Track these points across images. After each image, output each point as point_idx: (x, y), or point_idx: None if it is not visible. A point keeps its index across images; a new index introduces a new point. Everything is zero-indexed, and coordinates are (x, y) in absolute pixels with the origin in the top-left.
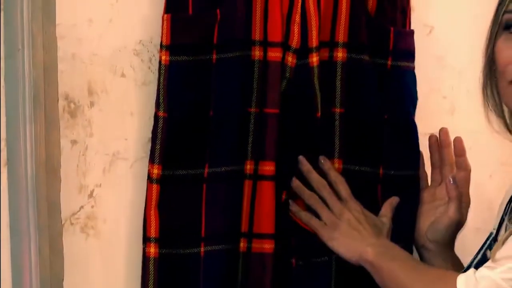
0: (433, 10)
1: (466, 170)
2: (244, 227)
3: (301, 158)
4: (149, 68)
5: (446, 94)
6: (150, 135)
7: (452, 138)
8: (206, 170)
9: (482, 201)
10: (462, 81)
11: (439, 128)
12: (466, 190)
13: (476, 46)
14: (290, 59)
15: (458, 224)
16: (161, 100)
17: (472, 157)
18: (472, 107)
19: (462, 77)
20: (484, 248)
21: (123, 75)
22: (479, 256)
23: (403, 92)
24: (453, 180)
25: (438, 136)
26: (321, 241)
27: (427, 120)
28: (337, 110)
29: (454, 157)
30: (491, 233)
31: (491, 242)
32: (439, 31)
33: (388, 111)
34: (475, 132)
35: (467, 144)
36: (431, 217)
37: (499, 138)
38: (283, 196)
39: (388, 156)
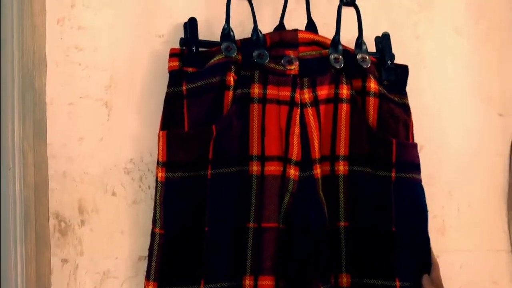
0: (423, 129)
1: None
2: None
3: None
4: (139, 186)
5: (436, 213)
6: (140, 254)
7: (443, 258)
8: (202, 286)
9: None
10: (453, 200)
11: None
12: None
13: (466, 165)
14: (293, 172)
15: None
16: (157, 217)
17: (463, 276)
18: (462, 226)
19: (452, 196)
20: None
21: (113, 194)
22: None
23: (410, 204)
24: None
25: None
26: None
27: None
28: (342, 223)
29: None
30: None
31: None
32: (429, 150)
33: (396, 223)
34: (466, 251)
35: (458, 263)
36: None
37: (490, 257)
38: None
39: (402, 268)
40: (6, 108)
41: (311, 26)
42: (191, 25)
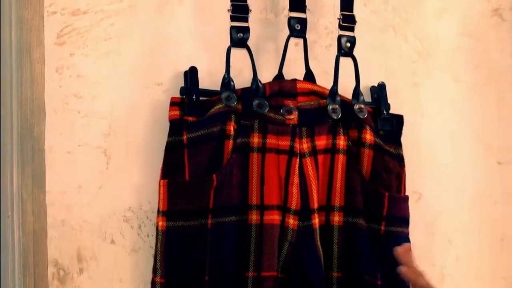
0: (422, 177)
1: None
2: None
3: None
4: (138, 234)
5: (435, 261)
6: None
7: None
8: None
9: None
10: (452, 248)
11: None
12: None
13: (466, 213)
14: (292, 221)
15: None
16: (158, 266)
17: None
18: (461, 275)
19: (451, 245)
20: None
21: (112, 242)
22: None
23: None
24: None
25: None
26: None
27: None
28: (335, 274)
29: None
30: None
31: None
32: (428, 198)
33: (380, 277)
34: None
35: None
36: None
37: None
38: None
39: None
40: (5, 156)
41: (309, 75)
42: (191, 74)
